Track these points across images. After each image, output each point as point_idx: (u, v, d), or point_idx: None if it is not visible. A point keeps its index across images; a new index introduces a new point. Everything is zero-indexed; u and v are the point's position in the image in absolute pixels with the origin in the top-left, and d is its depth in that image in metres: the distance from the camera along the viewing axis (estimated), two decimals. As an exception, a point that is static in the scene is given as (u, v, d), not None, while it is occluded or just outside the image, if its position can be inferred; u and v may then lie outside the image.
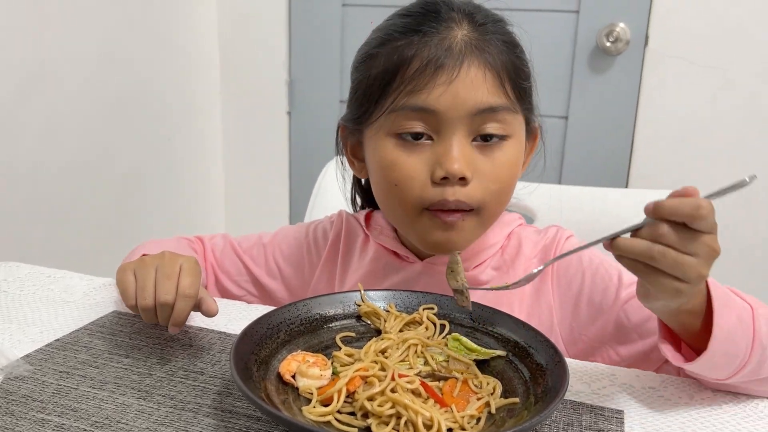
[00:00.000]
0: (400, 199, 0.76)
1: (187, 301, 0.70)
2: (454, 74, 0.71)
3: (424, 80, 0.71)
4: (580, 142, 1.89)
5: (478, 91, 0.72)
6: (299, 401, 0.60)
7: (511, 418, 0.58)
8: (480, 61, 0.72)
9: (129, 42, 1.74)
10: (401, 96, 0.73)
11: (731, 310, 0.61)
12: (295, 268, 0.94)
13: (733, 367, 0.62)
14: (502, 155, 0.75)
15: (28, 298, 0.87)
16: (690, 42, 1.72)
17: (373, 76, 0.76)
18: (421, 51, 0.72)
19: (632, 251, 0.55)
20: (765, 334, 0.62)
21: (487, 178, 0.74)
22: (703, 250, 0.54)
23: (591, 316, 0.79)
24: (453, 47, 0.72)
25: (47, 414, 0.60)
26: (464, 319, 0.72)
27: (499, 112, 0.73)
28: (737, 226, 1.79)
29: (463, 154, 0.72)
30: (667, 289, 0.55)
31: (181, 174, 2.04)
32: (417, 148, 0.74)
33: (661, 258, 0.53)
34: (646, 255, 0.54)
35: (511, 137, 0.75)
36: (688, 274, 0.54)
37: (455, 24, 0.74)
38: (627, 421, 0.62)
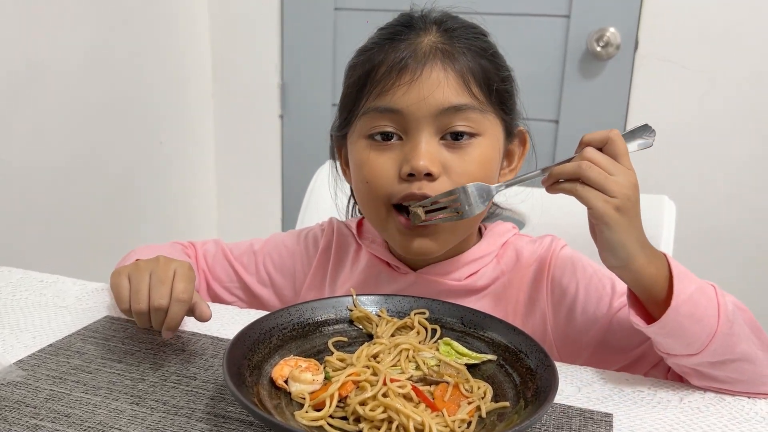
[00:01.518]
0: (371, 197, 0.79)
1: (181, 306, 0.70)
2: (416, 74, 0.74)
3: (390, 82, 0.75)
4: (570, 146, 1.89)
5: (440, 91, 0.74)
6: (292, 406, 0.61)
7: (502, 422, 0.58)
8: (443, 63, 0.75)
9: (120, 45, 1.74)
10: (370, 99, 0.76)
11: (691, 281, 0.65)
12: (285, 276, 0.94)
13: (703, 337, 0.64)
14: (471, 152, 0.76)
15: (21, 303, 0.87)
16: (680, 46, 1.74)
17: (351, 84, 0.80)
18: (388, 56, 0.76)
19: (563, 171, 0.65)
20: (731, 311, 0.65)
21: (456, 173, 0.75)
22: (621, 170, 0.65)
23: (585, 325, 0.80)
24: (418, 51, 0.75)
25: (40, 420, 0.60)
26: (455, 323, 0.73)
27: (464, 110, 0.75)
28: (736, 228, 1.81)
29: (429, 152, 0.74)
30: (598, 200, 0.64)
31: (172, 177, 2.04)
32: (387, 148, 0.77)
33: (588, 169, 0.64)
34: (575, 171, 0.64)
35: (481, 135, 0.77)
36: (613, 188, 0.63)
37: (424, 31, 0.77)
38: (616, 424, 0.63)
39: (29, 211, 1.51)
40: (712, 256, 1.82)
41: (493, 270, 0.84)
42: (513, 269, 0.85)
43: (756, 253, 1.80)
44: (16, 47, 1.43)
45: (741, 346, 0.66)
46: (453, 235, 0.79)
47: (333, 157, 0.90)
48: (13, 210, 1.47)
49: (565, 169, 0.66)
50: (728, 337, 0.64)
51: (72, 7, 1.57)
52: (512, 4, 1.84)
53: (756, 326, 0.69)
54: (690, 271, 0.67)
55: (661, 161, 1.82)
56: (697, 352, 0.65)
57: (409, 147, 0.75)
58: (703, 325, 0.64)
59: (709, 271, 1.83)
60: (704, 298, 0.64)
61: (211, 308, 0.75)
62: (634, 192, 0.65)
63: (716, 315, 0.64)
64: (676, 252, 1.08)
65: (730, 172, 1.78)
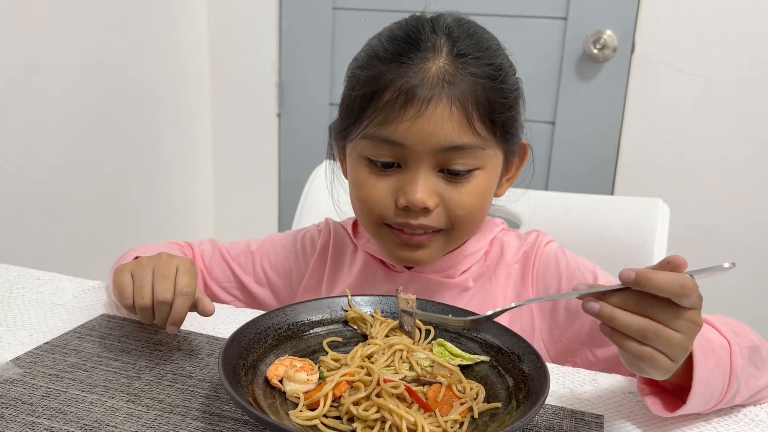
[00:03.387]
0: (365, 214, 0.80)
1: (186, 299, 0.71)
2: (421, 110, 0.72)
3: (394, 113, 0.73)
4: (567, 148, 1.91)
5: (444, 129, 0.73)
6: (286, 405, 0.61)
7: (494, 423, 0.59)
8: (449, 97, 0.72)
9: (118, 44, 1.74)
10: (373, 125, 0.75)
11: (709, 355, 0.61)
12: (282, 277, 0.95)
13: (710, 405, 0.63)
14: (469, 185, 0.76)
15: (18, 301, 0.87)
16: (676, 49, 1.75)
17: (353, 97, 0.78)
18: (395, 81, 0.74)
19: (630, 327, 0.53)
20: (741, 367, 0.63)
21: (452, 205, 0.76)
22: (689, 326, 0.54)
23: (568, 320, 0.81)
24: (425, 81, 0.73)
25: (37, 417, 0.61)
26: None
27: (466, 149, 0.74)
28: (730, 231, 1.81)
29: (428, 185, 0.74)
30: (655, 364, 0.54)
31: (170, 176, 2.04)
32: (385, 174, 0.77)
33: (655, 337, 0.53)
34: (640, 332, 0.53)
35: (480, 169, 0.77)
36: (676, 352, 0.54)
37: (433, 54, 0.74)
38: (606, 426, 0.64)
39: (26, 209, 1.52)
40: (706, 259, 1.83)
41: (481, 267, 0.86)
42: (498, 265, 0.86)
43: (750, 257, 1.81)
44: (13, 46, 1.43)
45: (742, 393, 0.65)
46: (441, 249, 0.81)
47: (331, 156, 0.89)
48: (11, 208, 1.47)
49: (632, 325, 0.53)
50: (732, 396, 0.64)
51: (69, 6, 1.57)
52: (510, 6, 1.85)
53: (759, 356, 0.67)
54: None
55: (655, 164, 1.83)
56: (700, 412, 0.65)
57: (408, 179, 0.75)
58: (713, 399, 0.62)
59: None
60: (720, 372, 0.61)
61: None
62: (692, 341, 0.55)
63: (727, 383, 0.62)
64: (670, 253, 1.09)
65: (725, 175, 1.79)
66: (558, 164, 1.92)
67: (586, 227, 1.13)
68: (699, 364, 0.59)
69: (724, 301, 1.80)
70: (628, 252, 1.06)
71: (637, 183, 1.86)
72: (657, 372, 0.55)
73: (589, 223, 1.14)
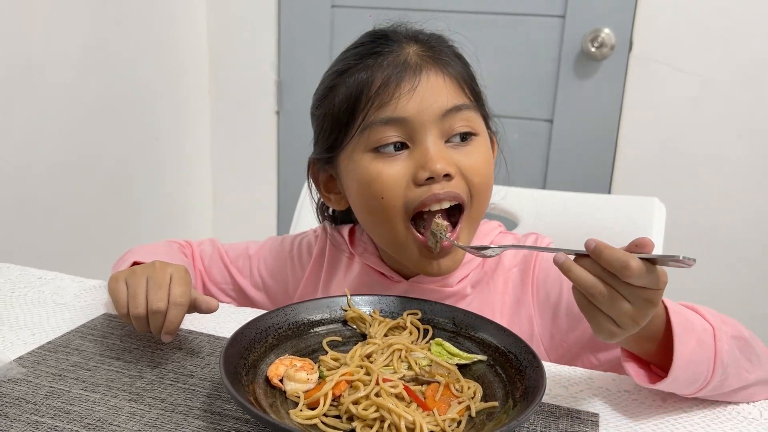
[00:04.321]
0: (387, 213, 0.76)
1: (180, 309, 0.71)
2: (416, 82, 0.75)
3: (389, 93, 0.75)
4: (564, 146, 1.91)
5: (441, 94, 0.76)
6: (287, 404, 0.62)
7: (491, 421, 0.60)
8: (437, 68, 0.77)
9: (117, 41, 1.75)
10: (370, 113, 0.76)
11: (691, 335, 0.63)
12: (278, 282, 0.95)
13: (696, 387, 0.65)
14: (476, 151, 0.78)
15: (20, 300, 0.88)
16: (674, 48, 1.75)
17: (338, 104, 0.79)
18: (379, 70, 0.77)
19: (579, 282, 0.58)
20: (726, 352, 0.65)
21: (469, 172, 0.77)
22: (638, 301, 0.57)
23: (570, 325, 0.82)
24: (409, 61, 0.77)
25: (41, 416, 0.62)
26: (447, 324, 0.75)
27: (464, 110, 0.77)
28: (727, 230, 1.82)
29: (442, 154, 0.75)
30: (602, 328, 0.59)
31: (169, 174, 2.05)
32: (395, 159, 0.76)
33: (600, 297, 0.57)
34: (588, 290, 0.57)
35: (479, 135, 0.79)
36: (622, 319, 0.57)
37: (404, 44, 0.79)
38: (602, 424, 0.65)
39: (26, 208, 1.52)
40: (702, 258, 1.83)
41: (479, 273, 0.86)
42: (495, 271, 0.85)
43: (747, 255, 1.82)
44: (12, 44, 1.44)
45: (731, 383, 0.66)
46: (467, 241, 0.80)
47: (309, 186, 0.90)
48: (11, 207, 1.48)
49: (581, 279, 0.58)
50: (720, 382, 0.65)
51: (68, 3, 1.57)
52: (508, 4, 1.85)
53: (749, 349, 0.68)
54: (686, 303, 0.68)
55: (652, 163, 1.84)
56: (687, 396, 0.67)
57: (420, 153, 0.75)
58: (697, 381, 0.64)
59: (699, 274, 1.85)
60: (703, 354, 0.63)
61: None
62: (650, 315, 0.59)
63: (712, 367, 0.64)
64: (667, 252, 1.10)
65: (722, 175, 1.79)
66: (555, 162, 1.93)
67: (583, 226, 1.14)
68: (679, 341, 0.62)
69: (722, 300, 1.81)
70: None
71: (635, 181, 1.87)
72: (603, 334, 0.59)
73: (586, 222, 1.15)
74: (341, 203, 0.86)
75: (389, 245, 0.81)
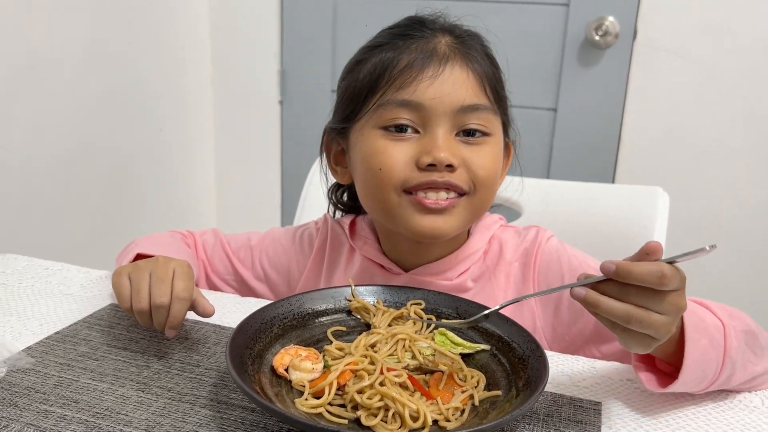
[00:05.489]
0: (382, 184, 0.77)
1: (183, 304, 0.71)
2: (439, 71, 0.76)
3: (412, 76, 0.76)
4: (568, 135, 1.91)
5: (461, 89, 0.76)
6: (292, 394, 0.63)
7: (494, 410, 0.61)
8: (463, 62, 0.77)
9: (119, 33, 1.75)
10: (389, 91, 0.77)
11: (702, 334, 0.63)
12: (280, 273, 0.96)
13: (704, 384, 0.65)
14: (484, 148, 0.78)
15: (27, 291, 0.89)
16: (678, 36, 1.74)
17: (361, 78, 0.80)
18: (407, 52, 0.77)
19: (612, 313, 0.56)
20: (735, 349, 0.65)
21: (474, 165, 0.77)
22: (671, 308, 0.56)
23: (571, 318, 0.82)
24: (438, 49, 0.77)
25: (50, 405, 0.63)
26: (450, 314, 0.75)
27: (481, 110, 0.77)
28: (730, 219, 1.82)
29: (449, 145, 0.76)
30: (640, 344, 0.58)
31: (172, 164, 2.05)
32: (403, 139, 0.77)
33: (638, 323, 0.55)
34: (623, 318, 0.55)
35: (492, 136, 0.79)
36: (659, 332, 0.56)
37: (438, 33, 0.79)
38: (604, 412, 0.66)
39: (32, 200, 1.53)
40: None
41: (480, 267, 0.86)
42: (497, 265, 0.86)
43: (750, 244, 1.82)
44: (15, 38, 1.44)
45: (738, 377, 0.67)
46: (464, 218, 0.79)
47: (321, 154, 0.90)
48: (17, 199, 1.49)
49: (614, 311, 0.56)
50: (728, 378, 0.66)
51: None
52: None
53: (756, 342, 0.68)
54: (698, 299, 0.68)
55: (656, 151, 1.84)
56: (695, 393, 0.68)
57: (428, 140, 0.76)
58: (706, 378, 0.65)
59: (702, 263, 1.85)
60: (713, 351, 0.64)
61: (212, 295, 0.76)
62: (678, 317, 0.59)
63: (721, 364, 0.64)
64: (668, 244, 1.10)
65: (726, 163, 1.79)
66: (560, 150, 1.93)
67: (586, 215, 1.14)
68: (691, 341, 0.62)
69: (724, 289, 1.82)
70: (627, 240, 1.07)
71: (639, 170, 1.86)
72: (638, 348, 0.59)
73: (589, 211, 1.15)
74: (346, 177, 0.87)
75: (382, 214, 0.80)
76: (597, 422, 0.63)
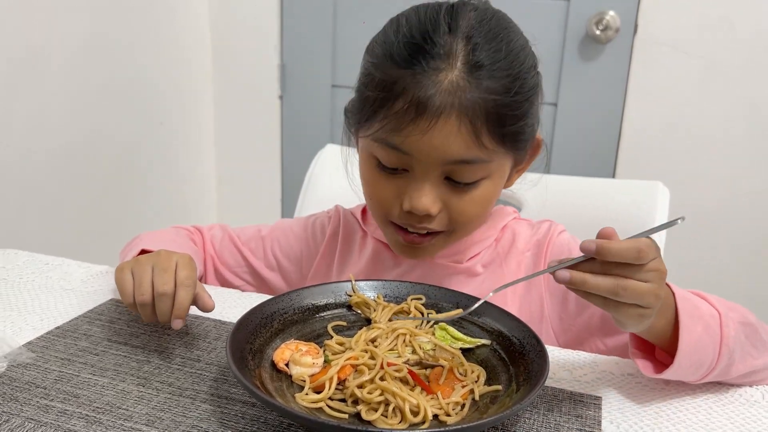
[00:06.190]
0: (373, 209, 0.83)
1: (188, 291, 0.71)
2: (430, 124, 0.71)
3: (405, 122, 0.72)
4: (569, 129, 1.91)
5: (451, 144, 0.72)
6: (292, 388, 0.63)
7: (494, 405, 0.61)
8: (459, 113, 0.71)
9: (120, 26, 1.74)
10: (383, 130, 0.74)
11: (697, 321, 0.64)
12: (292, 262, 0.96)
13: (701, 373, 0.66)
14: (473, 193, 0.77)
15: (28, 286, 0.89)
16: (679, 31, 1.74)
17: (366, 96, 0.76)
18: (407, 90, 0.72)
19: (600, 289, 0.57)
20: (733, 338, 0.65)
21: (456, 212, 0.77)
22: (653, 275, 0.58)
23: (578, 309, 0.82)
24: (436, 94, 0.71)
25: (50, 400, 0.63)
26: (451, 308, 0.75)
27: (472, 164, 0.74)
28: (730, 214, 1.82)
29: (432, 193, 0.75)
30: (632, 316, 0.59)
31: (173, 158, 2.05)
32: (393, 176, 0.77)
33: (624, 293, 0.57)
34: (611, 290, 0.57)
35: (486, 178, 0.77)
36: (647, 300, 0.58)
37: (447, 63, 0.71)
38: (605, 407, 0.66)
39: (32, 195, 1.53)
40: (706, 242, 1.84)
41: (491, 254, 0.87)
42: (509, 253, 0.86)
43: (750, 239, 1.81)
44: (15, 31, 1.43)
45: (737, 368, 0.67)
46: (443, 247, 0.83)
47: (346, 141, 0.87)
48: (17, 193, 1.49)
49: (601, 286, 0.57)
50: (726, 367, 0.66)
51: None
52: (512, -13, 1.83)
53: (756, 335, 0.69)
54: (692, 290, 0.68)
55: (656, 146, 1.83)
56: (694, 382, 0.68)
57: (413, 185, 0.75)
58: (703, 366, 0.65)
59: (703, 256, 1.86)
60: (709, 339, 0.64)
61: (213, 291, 0.76)
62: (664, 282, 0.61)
63: (718, 352, 0.65)
64: (669, 238, 1.10)
65: (727, 158, 1.79)
66: (560, 145, 1.92)
67: (586, 210, 1.14)
68: (685, 327, 0.63)
69: (724, 284, 1.82)
70: (627, 235, 1.05)
71: (639, 165, 1.86)
72: (632, 321, 0.60)
73: (589, 206, 1.15)
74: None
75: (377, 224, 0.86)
76: (597, 417, 0.63)
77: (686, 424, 0.64)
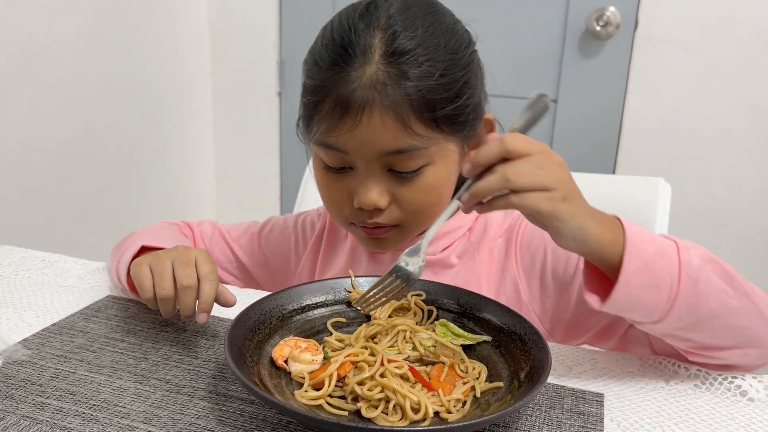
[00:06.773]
0: (330, 212, 0.84)
1: (212, 285, 0.70)
2: (356, 119, 0.72)
3: (333, 122, 0.74)
4: (569, 126, 1.90)
5: (380, 137, 0.72)
6: (291, 385, 0.62)
7: (496, 402, 0.60)
8: (381, 106, 0.71)
9: (118, 23, 1.73)
10: (319, 132, 0.76)
11: (649, 244, 0.61)
12: (281, 259, 0.96)
13: (662, 303, 0.61)
14: (420, 180, 0.76)
15: (24, 282, 0.88)
16: (679, 27, 1.73)
17: (303, 102, 0.79)
18: (331, 91, 0.73)
19: (490, 185, 0.59)
20: (696, 268, 0.61)
21: (404, 202, 0.77)
22: (539, 158, 0.59)
23: (557, 290, 0.81)
24: (357, 90, 0.71)
25: (46, 398, 0.62)
26: (451, 305, 0.74)
27: (406, 152, 0.74)
28: (732, 210, 1.82)
29: (378, 187, 0.76)
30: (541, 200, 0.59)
31: (172, 155, 2.04)
32: (340, 176, 0.78)
33: (514, 176, 0.58)
34: (502, 180, 0.58)
35: (428, 165, 0.76)
36: (543, 178, 0.58)
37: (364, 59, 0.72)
38: (606, 404, 0.65)
39: (29, 191, 1.52)
40: (708, 237, 1.83)
41: (465, 243, 0.86)
42: (481, 241, 0.86)
43: (752, 236, 1.81)
44: (12, 28, 1.42)
45: (709, 303, 0.62)
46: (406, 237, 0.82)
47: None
48: (14, 190, 1.48)
49: (490, 185, 0.58)
50: (692, 298, 0.61)
51: (69, -17, 1.55)
52: (512, -17, 1.83)
53: (729, 276, 0.64)
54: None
55: (657, 143, 1.83)
56: (660, 319, 0.62)
57: (359, 182, 0.76)
58: (661, 291, 0.61)
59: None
60: (663, 261, 0.61)
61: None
62: (565, 171, 0.61)
63: (677, 277, 0.60)
64: (670, 234, 1.09)
65: (728, 154, 1.78)
66: (560, 142, 1.92)
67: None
68: (633, 243, 0.60)
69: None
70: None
71: (640, 161, 1.86)
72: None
73: (590, 202, 1.13)
74: None
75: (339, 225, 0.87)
76: (599, 414, 0.63)
77: (688, 423, 0.63)
